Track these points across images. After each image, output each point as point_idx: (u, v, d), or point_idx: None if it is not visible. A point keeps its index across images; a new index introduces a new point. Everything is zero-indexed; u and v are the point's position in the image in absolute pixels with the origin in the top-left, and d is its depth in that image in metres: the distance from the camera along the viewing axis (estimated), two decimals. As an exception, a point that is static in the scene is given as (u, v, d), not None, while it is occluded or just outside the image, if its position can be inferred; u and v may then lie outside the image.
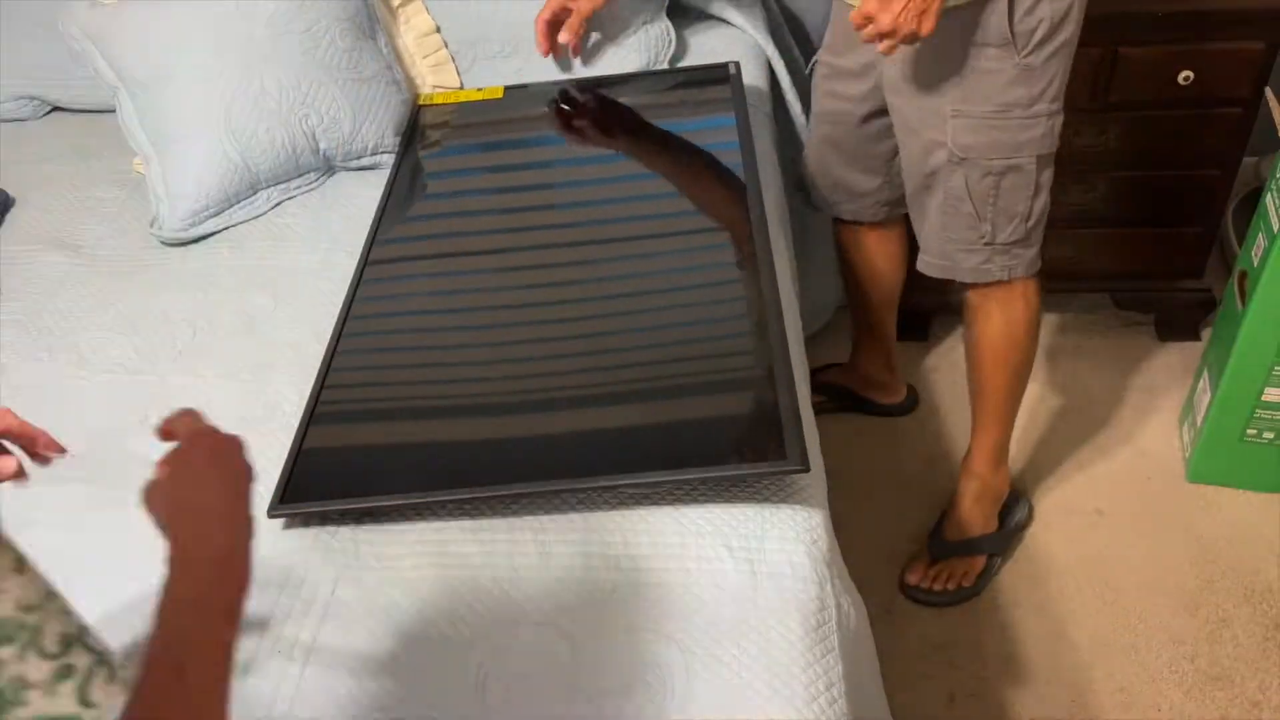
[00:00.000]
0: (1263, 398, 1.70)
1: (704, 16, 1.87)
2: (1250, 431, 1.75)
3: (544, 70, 1.71)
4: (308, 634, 0.96)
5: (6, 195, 1.58)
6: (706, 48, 1.81)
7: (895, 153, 1.53)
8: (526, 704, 0.90)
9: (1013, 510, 1.76)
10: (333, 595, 0.99)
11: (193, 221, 1.48)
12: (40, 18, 1.76)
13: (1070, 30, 1.30)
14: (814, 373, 1.85)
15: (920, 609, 1.69)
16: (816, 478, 1.11)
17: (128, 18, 1.52)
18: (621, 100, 1.65)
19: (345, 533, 1.04)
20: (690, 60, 1.79)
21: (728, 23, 1.86)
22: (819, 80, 1.59)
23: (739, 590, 0.97)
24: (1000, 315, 1.52)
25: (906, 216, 1.59)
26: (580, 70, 1.72)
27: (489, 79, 1.74)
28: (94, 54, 1.54)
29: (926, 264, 1.52)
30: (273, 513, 1.06)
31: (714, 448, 1.06)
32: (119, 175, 1.63)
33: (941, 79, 1.34)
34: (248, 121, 1.49)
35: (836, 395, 1.99)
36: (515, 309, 1.31)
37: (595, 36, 1.73)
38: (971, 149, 1.36)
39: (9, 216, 1.56)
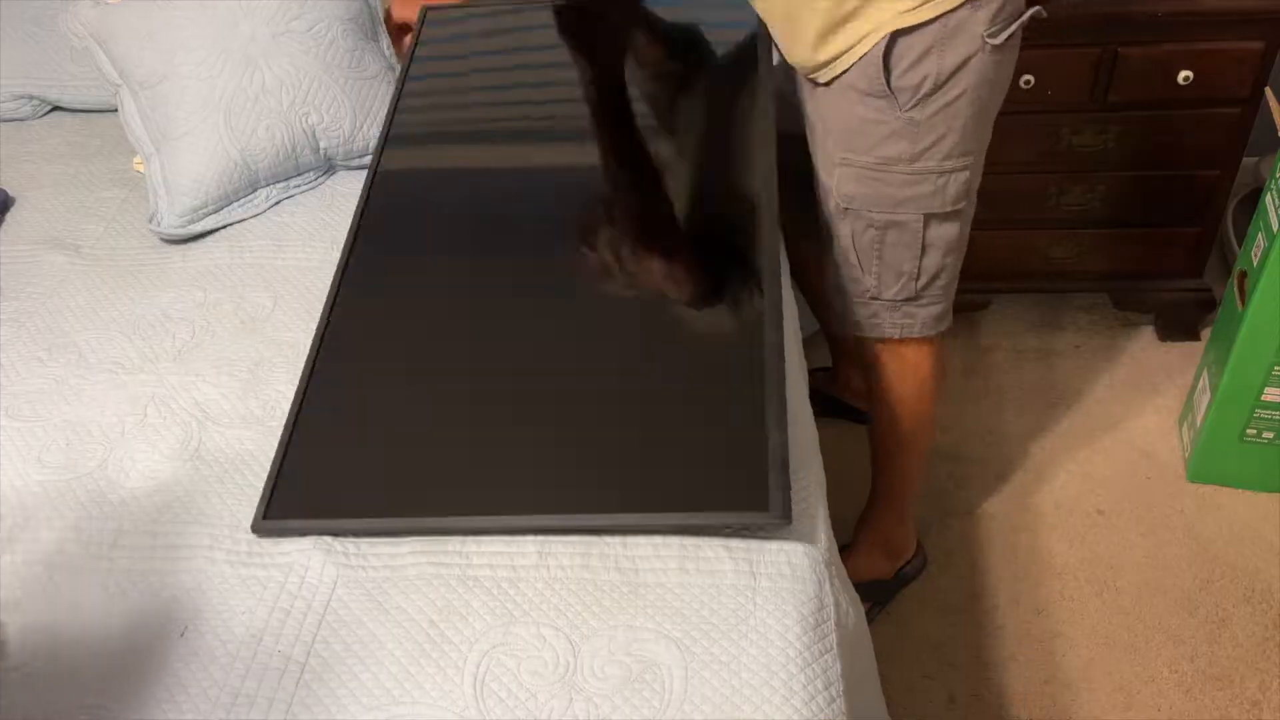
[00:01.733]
0: (1263, 398, 1.70)
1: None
2: (1250, 431, 1.75)
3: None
4: (308, 634, 0.96)
5: (6, 195, 1.58)
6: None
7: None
8: (525, 704, 0.90)
9: (911, 563, 1.70)
10: (332, 595, 0.99)
11: (191, 218, 1.48)
12: (40, 18, 1.76)
13: (967, 84, 1.19)
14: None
15: (920, 610, 1.69)
16: (815, 478, 1.11)
17: (130, 16, 1.52)
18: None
19: (345, 533, 1.04)
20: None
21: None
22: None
23: (738, 590, 0.97)
24: (893, 371, 1.47)
25: None
26: None
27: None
28: (96, 52, 1.55)
29: (827, 307, 1.46)
30: (256, 529, 1.05)
31: (698, 486, 1.02)
32: (119, 175, 1.63)
33: (833, 123, 1.28)
34: (248, 119, 1.49)
35: (822, 402, 1.94)
36: (507, 320, 1.25)
37: None
38: (855, 199, 1.30)
39: (9, 216, 1.56)
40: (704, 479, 1.03)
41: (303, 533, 1.05)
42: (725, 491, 1.00)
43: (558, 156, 1.47)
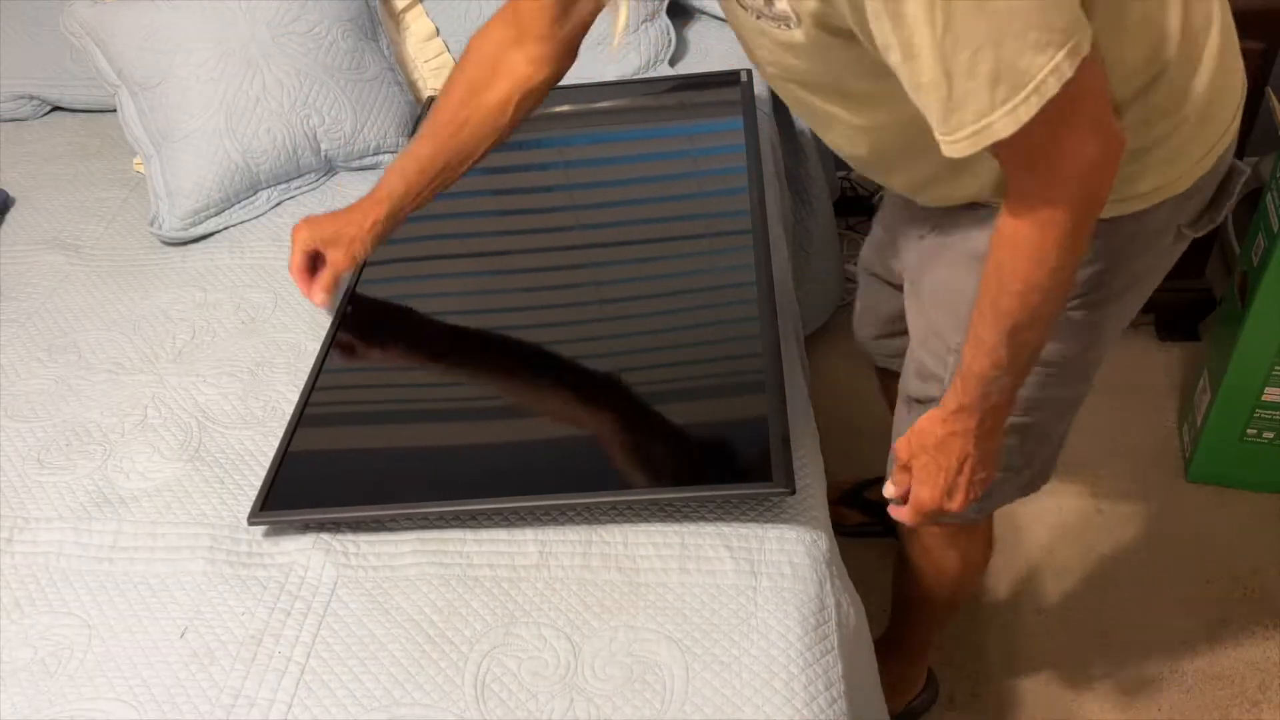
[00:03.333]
0: (1263, 398, 1.70)
1: (704, 16, 1.88)
2: (1250, 431, 1.75)
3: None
4: (308, 634, 0.96)
5: (6, 195, 1.58)
6: (706, 47, 1.82)
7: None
8: (526, 704, 0.90)
9: (920, 696, 1.56)
10: (333, 595, 0.99)
11: (193, 221, 1.48)
12: (40, 18, 1.76)
13: (1142, 275, 1.02)
14: (862, 486, 1.80)
15: (920, 609, 1.69)
16: (815, 478, 1.11)
17: (129, 16, 1.52)
18: (627, 104, 1.64)
19: (346, 532, 1.04)
20: (690, 60, 1.79)
21: (728, 22, 1.86)
22: (870, 238, 1.35)
23: (739, 590, 0.97)
24: (935, 555, 1.30)
25: None
26: (587, 73, 1.72)
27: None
28: (95, 53, 1.55)
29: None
30: (253, 520, 1.05)
31: (700, 465, 1.04)
32: (119, 175, 1.63)
33: (946, 295, 1.06)
34: (249, 121, 1.49)
35: (888, 518, 1.80)
36: (511, 312, 1.30)
37: (596, 35, 1.72)
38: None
39: (9, 216, 1.56)
40: (705, 456, 1.05)
41: (300, 526, 1.05)
42: (728, 467, 1.03)
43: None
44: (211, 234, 1.49)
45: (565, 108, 1.63)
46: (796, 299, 1.45)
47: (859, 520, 1.79)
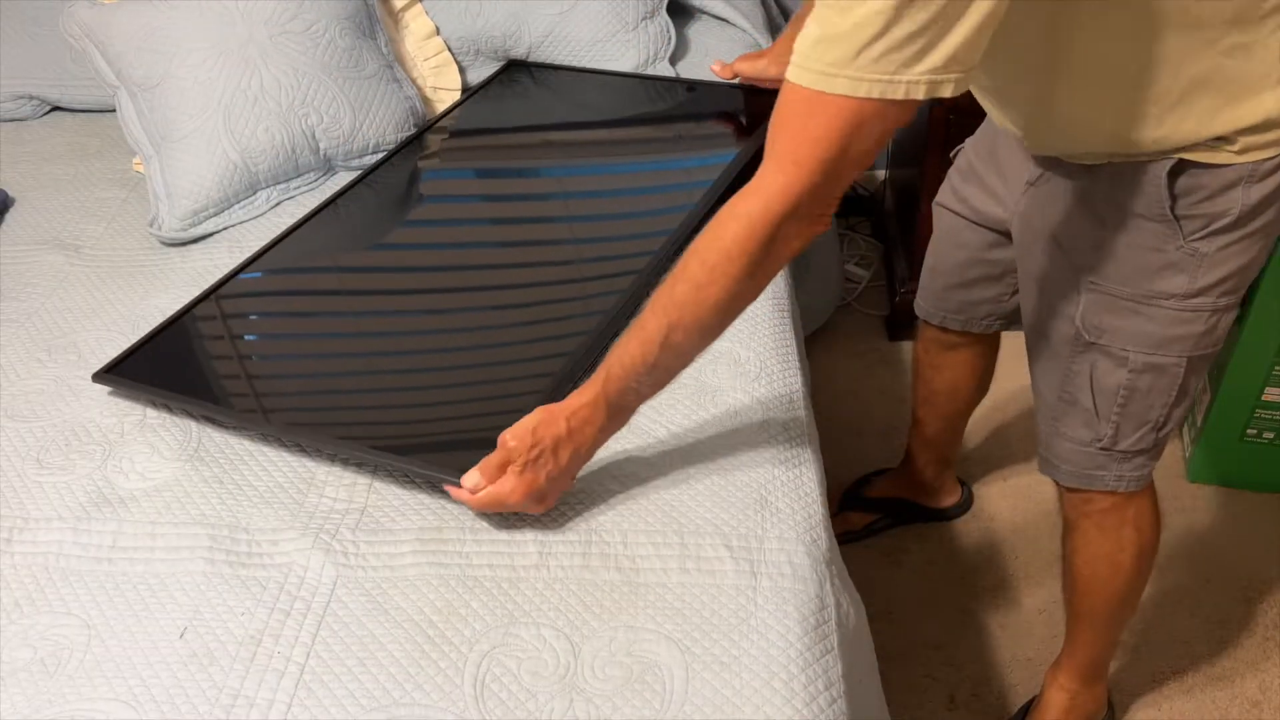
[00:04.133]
0: (1263, 398, 1.70)
1: (704, 15, 1.88)
2: (1250, 431, 1.75)
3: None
4: (307, 634, 0.96)
5: (6, 195, 1.58)
6: (707, 47, 1.82)
7: (976, 267, 1.37)
8: (526, 704, 0.90)
9: None
10: (332, 595, 0.99)
11: (192, 221, 1.48)
12: (40, 18, 1.76)
13: (1273, 215, 1.01)
14: (860, 485, 1.81)
15: (920, 610, 1.69)
16: (816, 478, 1.11)
17: (128, 17, 1.52)
18: (627, 135, 1.64)
19: (345, 533, 1.04)
20: (690, 59, 1.80)
21: (728, 22, 1.86)
22: (954, 173, 1.36)
23: (738, 590, 0.97)
24: (1101, 539, 1.26)
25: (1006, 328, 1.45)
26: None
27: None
28: (94, 53, 1.55)
29: (1038, 450, 1.26)
30: (95, 378, 1.19)
31: (431, 448, 1.11)
32: (119, 175, 1.63)
33: (1083, 238, 1.07)
34: (247, 121, 1.49)
35: (891, 510, 1.78)
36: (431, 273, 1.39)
37: (595, 32, 1.73)
38: (1106, 333, 1.09)
39: (9, 216, 1.56)
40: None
41: (143, 400, 1.17)
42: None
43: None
44: (211, 234, 1.49)
45: (564, 135, 1.63)
46: (796, 299, 1.45)
47: (866, 522, 1.79)
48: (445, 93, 1.73)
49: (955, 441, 1.72)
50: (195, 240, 1.48)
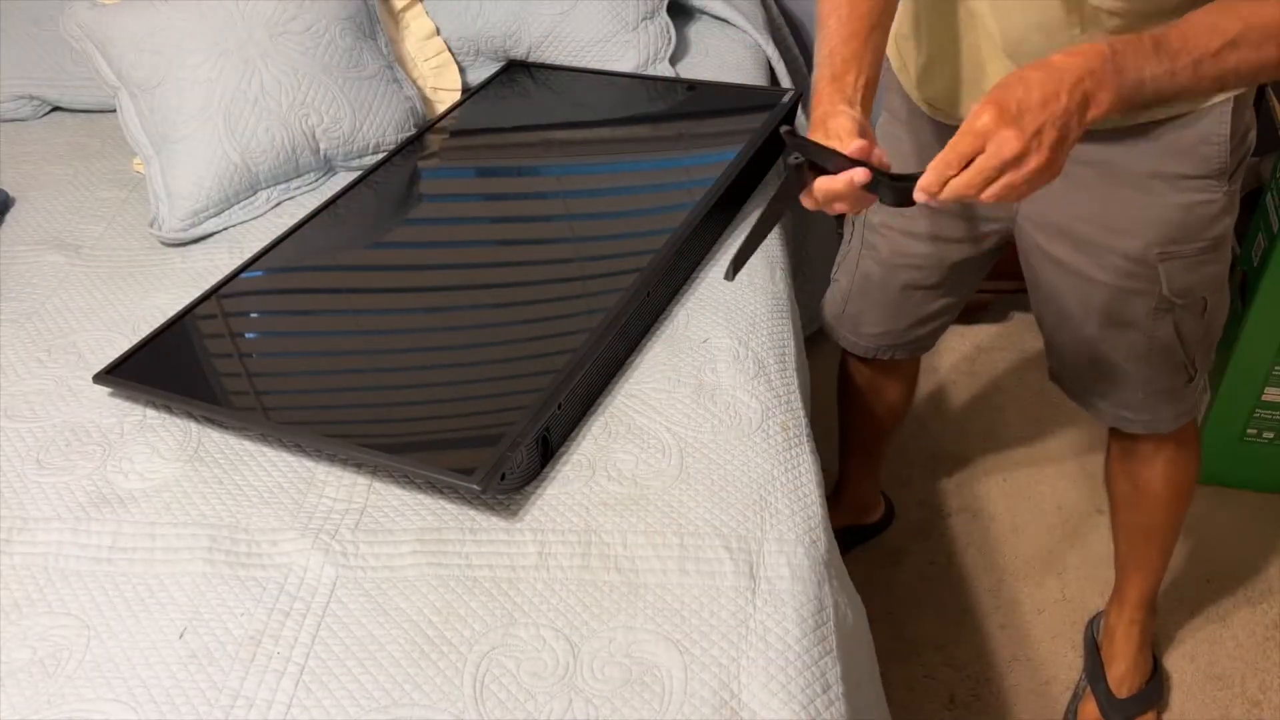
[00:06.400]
0: (1263, 398, 1.70)
1: (704, 15, 1.88)
2: (1250, 431, 1.75)
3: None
4: (307, 634, 0.96)
5: (6, 195, 1.58)
6: (707, 47, 1.82)
7: (934, 300, 1.41)
8: (525, 704, 0.90)
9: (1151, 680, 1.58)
10: (331, 596, 0.99)
11: (192, 222, 1.48)
12: (40, 18, 1.76)
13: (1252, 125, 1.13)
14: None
15: (920, 610, 1.69)
16: (815, 478, 1.11)
17: (128, 18, 1.52)
18: (629, 133, 1.64)
19: (345, 533, 1.04)
20: (690, 60, 1.80)
21: (728, 22, 1.86)
22: (876, 222, 1.36)
23: (737, 590, 0.97)
24: (1172, 466, 1.37)
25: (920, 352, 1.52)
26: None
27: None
28: (94, 54, 1.54)
29: (1124, 419, 1.31)
30: (96, 379, 1.19)
31: (428, 447, 1.10)
32: (119, 175, 1.63)
33: (1138, 219, 1.13)
34: (247, 121, 1.49)
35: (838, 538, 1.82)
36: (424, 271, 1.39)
37: (596, 33, 1.73)
38: (1189, 290, 1.17)
39: (9, 216, 1.56)
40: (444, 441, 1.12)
41: (140, 399, 1.18)
42: (451, 454, 1.07)
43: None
44: (211, 234, 1.49)
45: (564, 135, 1.63)
46: (796, 299, 1.45)
47: (878, 516, 1.80)
48: (445, 93, 1.73)
49: (883, 456, 1.75)
50: (195, 240, 1.48)
